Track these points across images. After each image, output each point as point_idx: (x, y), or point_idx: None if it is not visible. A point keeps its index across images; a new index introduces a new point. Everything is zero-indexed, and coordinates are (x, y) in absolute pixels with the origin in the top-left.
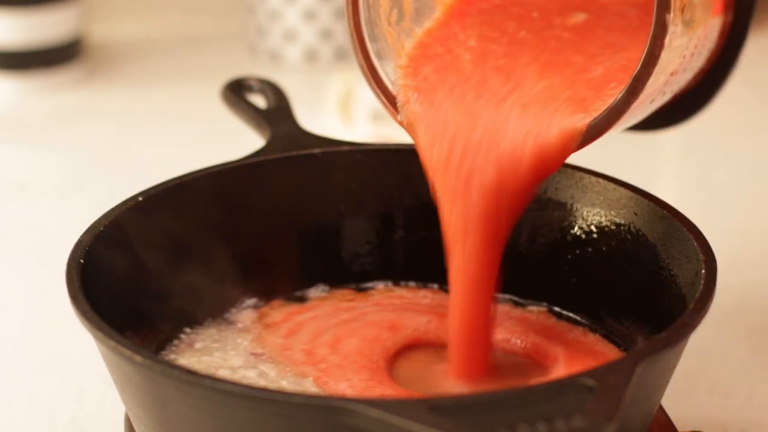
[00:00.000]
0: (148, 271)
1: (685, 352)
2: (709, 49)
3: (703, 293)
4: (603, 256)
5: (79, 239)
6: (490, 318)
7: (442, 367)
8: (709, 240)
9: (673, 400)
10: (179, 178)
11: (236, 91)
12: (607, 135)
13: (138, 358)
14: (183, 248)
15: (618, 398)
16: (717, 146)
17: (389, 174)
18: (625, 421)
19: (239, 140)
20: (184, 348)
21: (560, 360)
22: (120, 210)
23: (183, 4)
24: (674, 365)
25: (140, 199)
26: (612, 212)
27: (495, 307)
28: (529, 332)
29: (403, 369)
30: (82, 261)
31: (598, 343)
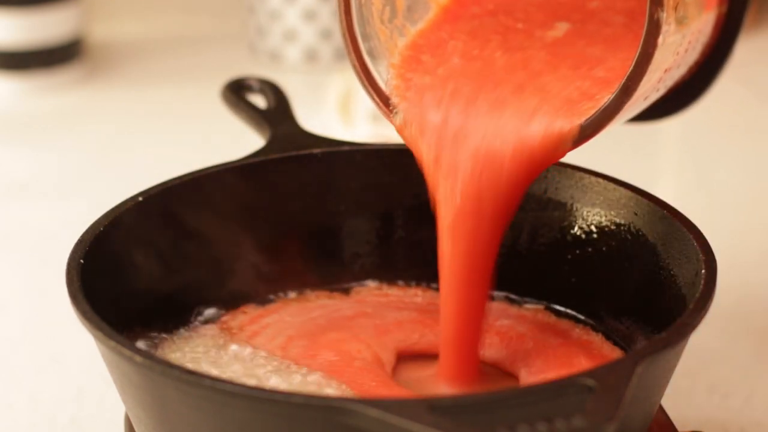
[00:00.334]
0: (148, 271)
1: (685, 352)
2: (703, 43)
3: (703, 293)
4: (603, 256)
5: (79, 239)
6: (482, 320)
7: (432, 371)
8: (709, 240)
9: (673, 400)
10: (179, 178)
11: (236, 91)
12: (604, 131)
13: (138, 358)
14: (183, 248)
15: (618, 398)
16: (717, 146)
17: (389, 174)
18: (625, 421)
19: (239, 140)
20: (183, 346)
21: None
22: (120, 210)
23: (183, 4)
24: (674, 365)
25: (140, 199)
26: (612, 212)
27: (487, 308)
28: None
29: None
30: (82, 261)
31: (599, 342)
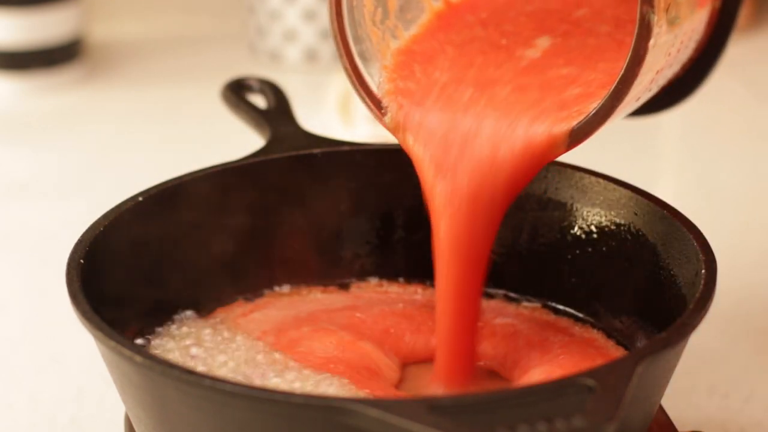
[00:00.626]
0: (148, 271)
1: (685, 352)
2: (697, 41)
3: (703, 293)
4: (603, 256)
5: (79, 239)
6: (477, 320)
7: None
8: (709, 240)
9: (673, 400)
10: (179, 178)
11: (236, 91)
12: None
13: (138, 358)
14: (183, 248)
15: (618, 398)
16: (717, 146)
17: (389, 174)
18: (625, 421)
19: (239, 140)
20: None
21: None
22: (120, 210)
23: (183, 4)
24: (674, 365)
25: (140, 199)
26: (612, 212)
27: (481, 308)
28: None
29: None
30: (82, 261)
31: (600, 339)
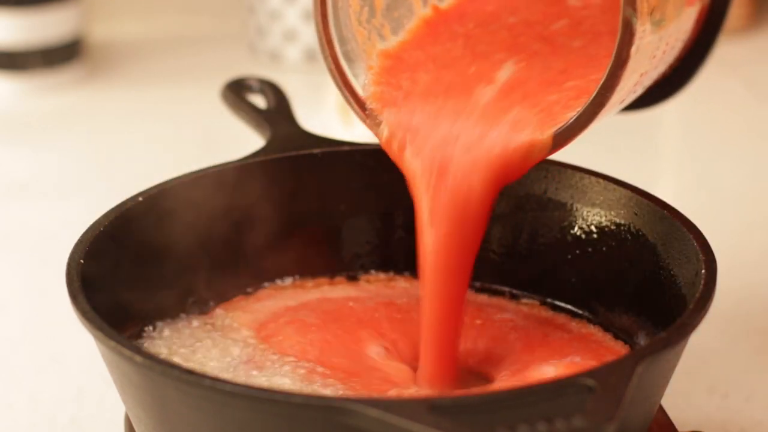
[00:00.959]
0: (149, 271)
1: (685, 352)
2: (683, 41)
3: (703, 293)
4: (603, 256)
5: (79, 239)
6: (460, 326)
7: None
8: (709, 240)
9: (673, 400)
10: (179, 178)
11: (236, 91)
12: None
13: (138, 358)
14: (183, 248)
15: (618, 398)
16: (717, 146)
17: (389, 174)
18: (625, 421)
19: (239, 140)
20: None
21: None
22: (120, 210)
23: (183, 4)
24: (674, 365)
25: (140, 199)
26: (612, 212)
27: (464, 314)
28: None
29: None
30: (82, 261)
31: (598, 334)
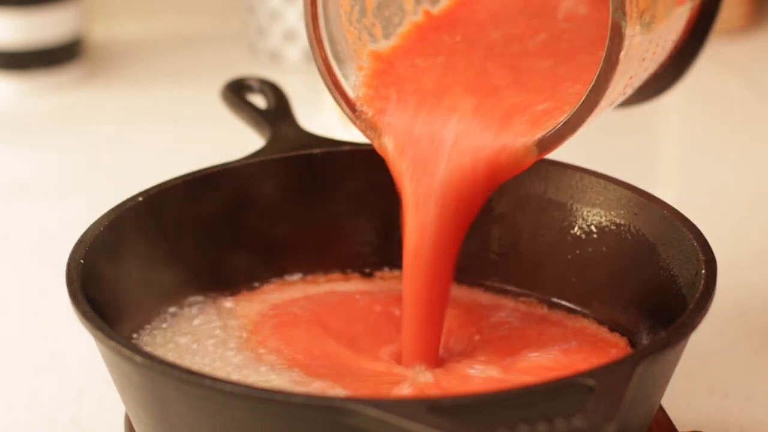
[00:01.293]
0: (149, 271)
1: (685, 352)
2: (674, 40)
3: (703, 293)
4: (603, 256)
5: (79, 239)
6: (441, 314)
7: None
8: (709, 240)
9: (673, 400)
10: (179, 179)
11: (236, 91)
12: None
13: (138, 358)
14: (183, 248)
15: (618, 398)
16: (717, 146)
17: (389, 174)
18: (625, 421)
19: (239, 140)
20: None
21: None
22: (120, 210)
23: (183, 4)
24: (674, 365)
25: (140, 199)
26: (612, 212)
27: (448, 298)
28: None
29: None
30: (82, 261)
31: (595, 328)
